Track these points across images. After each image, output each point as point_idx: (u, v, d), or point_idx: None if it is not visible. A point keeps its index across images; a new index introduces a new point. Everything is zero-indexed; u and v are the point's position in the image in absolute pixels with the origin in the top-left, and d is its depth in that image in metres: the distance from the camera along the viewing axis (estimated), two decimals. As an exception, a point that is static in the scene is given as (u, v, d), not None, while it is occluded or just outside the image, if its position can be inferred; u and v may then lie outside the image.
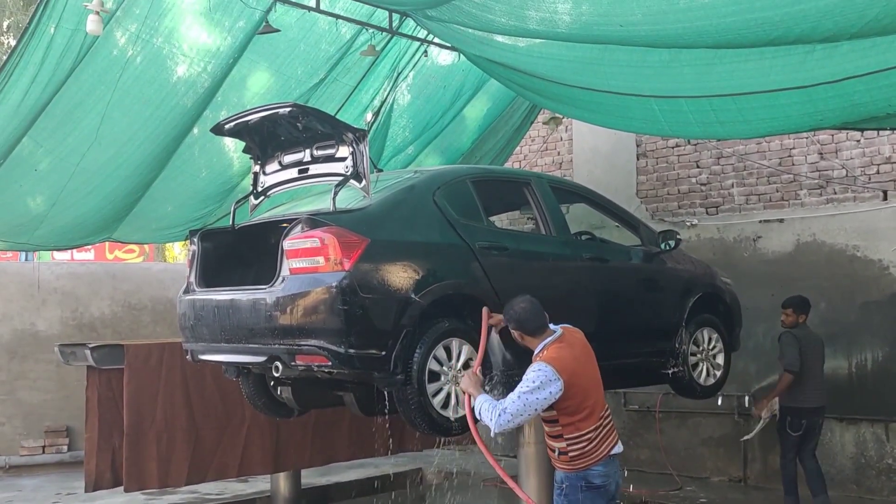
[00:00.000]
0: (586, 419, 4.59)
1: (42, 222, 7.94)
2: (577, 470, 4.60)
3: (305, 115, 5.02)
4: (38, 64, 6.27)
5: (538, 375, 4.43)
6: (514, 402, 4.39)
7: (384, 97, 8.69)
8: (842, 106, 5.25)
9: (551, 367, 4.45)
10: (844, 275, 8.61)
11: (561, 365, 4.48)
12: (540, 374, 4.43)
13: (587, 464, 4.59)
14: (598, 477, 4.61)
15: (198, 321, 5.32)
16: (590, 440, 4.59)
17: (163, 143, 7.58)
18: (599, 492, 4.61)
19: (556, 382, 4.43)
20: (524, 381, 4.46)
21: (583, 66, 5.75)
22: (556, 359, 4.51)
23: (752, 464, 9.17)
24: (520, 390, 4.42)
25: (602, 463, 4.61)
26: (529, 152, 11.52)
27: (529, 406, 4.40)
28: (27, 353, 10.57)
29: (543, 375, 4.42)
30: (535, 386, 4.40)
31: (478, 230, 5.41)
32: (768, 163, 9.25)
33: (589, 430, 4.59)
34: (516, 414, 4.38)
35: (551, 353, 4.56)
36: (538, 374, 4.44)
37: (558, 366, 4.47)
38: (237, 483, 8.86)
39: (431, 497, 9.03)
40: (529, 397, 4.39)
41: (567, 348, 4.63)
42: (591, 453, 4.59)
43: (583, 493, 4.59)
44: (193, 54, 7.04)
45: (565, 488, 4.66)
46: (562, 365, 4.49)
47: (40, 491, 9.17)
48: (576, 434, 4.57)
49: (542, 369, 4.45)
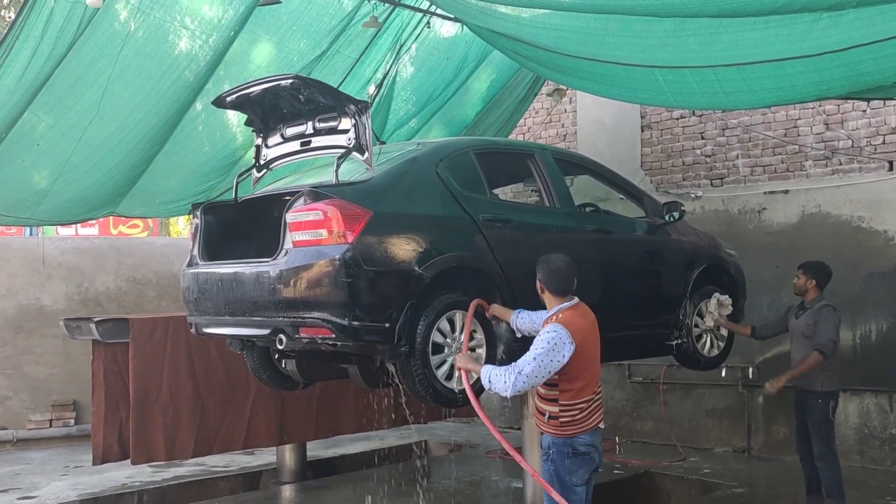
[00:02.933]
0: (583, 389, 4.72)
1: (45, 197, 7.93)
2: (565, 436, 4.74)
3: (307, 87, 5.00)
4: (39, 37, 6.22)
5: (553, 337, 4.52)
6: (529, 364, 4.47)
7: (387, 69, 8.63)
8: (847, 75, 5.19)
9: (566, 330, 4.55)
10: (849, 246, 8.59)
11: (574, 328, 4.59)
12: (555, 335, 4.52)
13: (575, 431, 4.73)
14: (584, 445, 4.75)
15: (201, 294, 5.33)
16: (581, 409, 4.72)
17: (165, 117, 7.55)
18: (584, 459, 4.77)
19: (569, 345, 4.53)
20: (539, 342, 4.54)
21: (587, 37, 5.69)
22: (570, 322, 4.62)
23: (755, 434, 9.21)
24: (535, 352, 4.50)
25: (588, 433, 4.75)
26: (533, 124, 11.47)
27: (544, 367, 4.49)
28: (33, 327, 10.62)
29: (558, 337, 4.52)
30: (550, 347, 4.49)
31: (481, 202, 5.40)
32: (773, 134, 9.20)
33: (583, 399, 4.72)
34: (532, 375, 4.47)
35: (566, 316, 4.67)
36: (553, 335, 4.52)
37: (572, 329, 4.58)
38: (243, 455, 8.94)
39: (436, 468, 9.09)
40: (545, 358, 4.48)
41: (580, 317, 4.74)
42: (580, 422, 4.73)
43: (569, 458, 4.74)
44: (195, 27, 6.99)
45: (552, 454, 4.79)
46: (575, 329, 4.60)
47: (48, 464, 9.25)
48: (571, 401, 4.70)
49: (557, 331, 4.54)
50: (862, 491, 7.51)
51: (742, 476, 8.26)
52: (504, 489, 8.17)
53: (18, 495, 7.85)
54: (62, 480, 8.41)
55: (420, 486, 8.13)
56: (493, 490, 8.20)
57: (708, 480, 8.15)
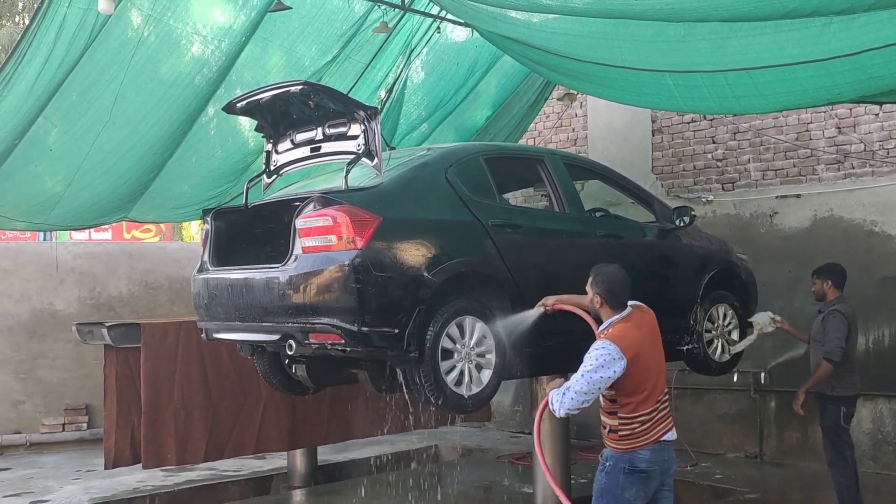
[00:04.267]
0: (644, 402, 4.52)
1: (58, 202, 7.99)
2: (624, 450, 4.54)
3: (317, 93, 5.01)
4: (51, 44, 6.28)
5: (601, 353, 4.38)
6: (578, 382, 4.35)
7: (397, 74, 8.66)
8: (859, 79, 5.17)
9: (615, 346, 4.40)
10: (862, 250, 8.54)
11: (624, 344, 4.42)
12: (603, 352, 4.39)
13: (634, 446, 4.52)
14: (644, 462, 4.53)
15: (212, 300, 5.35)
16: (642, 423, 4.52)
17: (177, 123, 7.60)
18: (641, 477, 4.54)
19: (620, 361, 4.37)
20: (587, 359, 4.41)
21: (597, 42, 5.69)
22: (621, 337, 4.46)
23: (767, 440, 9.16)
24: (583, 369, 4.37)
25: (650, 448, 4.53)
26: (544, 129, 11.46)
27: (594, 385, 4.35)
28: (46, 332, 10.68)
29: (607, 353, 4.38)
30: (599, 364, 4.35)
31: (491, 208, 5.40)
32: (785, 138, 9.16)
33: (644, 412, 4.52)
34: (580, 392, 4.33)
35: (616, 331, 4.52)
36: (601, 352, 4.39)
37: (622, 345, 4.41)
38: (254, 460, 8.95)
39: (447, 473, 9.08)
40: (593, 376, 4.34)
41: (633, 328, 4.57)
42: (640, 435, 4.52)
43: (624, 475, 4.53)
44: (206, 33, 7.03)
45: (608, 466, 4.59)
46: (625, 344, 4.43)
47: (61, 468, 9.29)
48: (631, 415, 4.51)
49: (606, 347, 4.40)
50: (876, 497, 7.45)
51: (754, 482, 8.21)
52: (515, 494, 8.16)
53: (31, 499, 7.89)
54: (75, 484, 8.45)
55: (430, 490, 8.13)
56: (503, 495, 8.19)
57: (720, 486, 8.11)
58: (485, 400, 5.22)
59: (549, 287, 5.54)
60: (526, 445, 9.19)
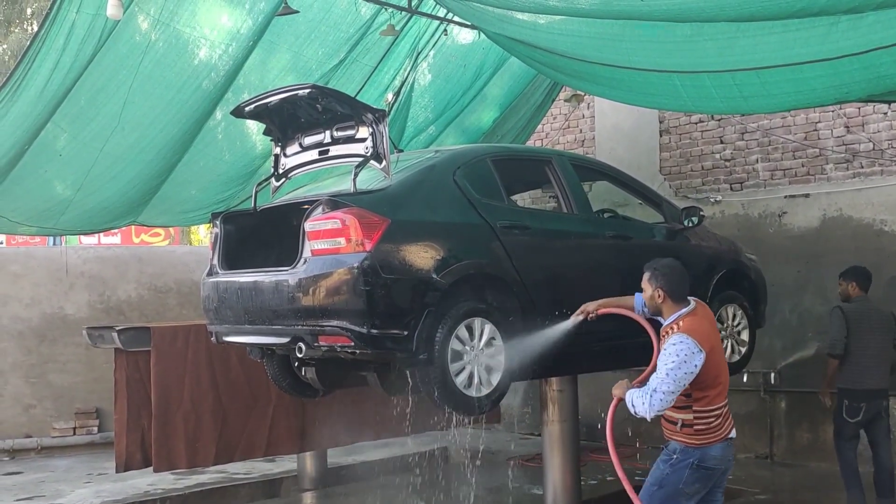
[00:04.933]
0: (720, 395, 4.50)
1: (68, 207, 8.01)
2: (698, 445, 4.49)
3: (325, 97, 5.03)
4: (60, 50, 6.30)
5: (681, 348, 4.33)
6: (664, 381, 4.29)
7: (405, 77, 8.66)
8: (867, 78, 5.16)
9: (692, 339, 4.35)
10: (872, 249, 8.51)
11: (701, 337, 4.39)
12: (683, 346, 4.33)
13: (710, 440, 4.49)
14: (713, 459, 4.51)
15: (221, 303, 5.37)
16: (717, 416, 4.50)
17: (185, 127, 7.61)
18: (707, 473, 4.52)
19: (699, 354, 4.34)
20: (667, 356, 4.35)
21: (604, 43, 5.69)
22: (696, 330, 4.42)
23: (778, 440, 9.13)
24: (666, 368, 4.31)
25: (721, 445, 4.52)
26: (551, 130, 11.46)
27: (679, 382, 4.30)
28: (56, 336, 10.71)
29: (686, 348, 4.33)
30: (681, 360, 4.30)
31: (499, 209, 5.40)
32: (793, 137, 9.14)
33: (719, 405, 4.50)
34: (668, 392, 4.29)
35: (689, 324, 4.47)
36: (680, 346, 4.34)
37: (699, 337, 4.38)
38: (264, 463, 8.96)
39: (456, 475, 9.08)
40: (678, 373, 4.29)
41: (703, 321, 4.55)
42: (716, 430, 4.50)
43: (691, 470, 4.50)
44: (214, 37, 7.05)
45: (675, 459, 4.54)
46: (702, 337, 4.40)
47: (72, 471, 9.33)
48: (707, 408, 4.47)
49: (684, 341, 4.35)
50: (887, 497, 7.41)
51: (765, 482, 8.19)
52: (525, 495, 8.15)
53: (43, 502, 7.93)
54: (86, 488, 8.47)
55: (440, 492, 8.12)
56: (513, 496, 8.18)
57: (730, 487, 8.02)
58: (494, 402, 5.23)
59: (558, 288, 5.55)
60: (535, 447, 9.17)
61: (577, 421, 6.95)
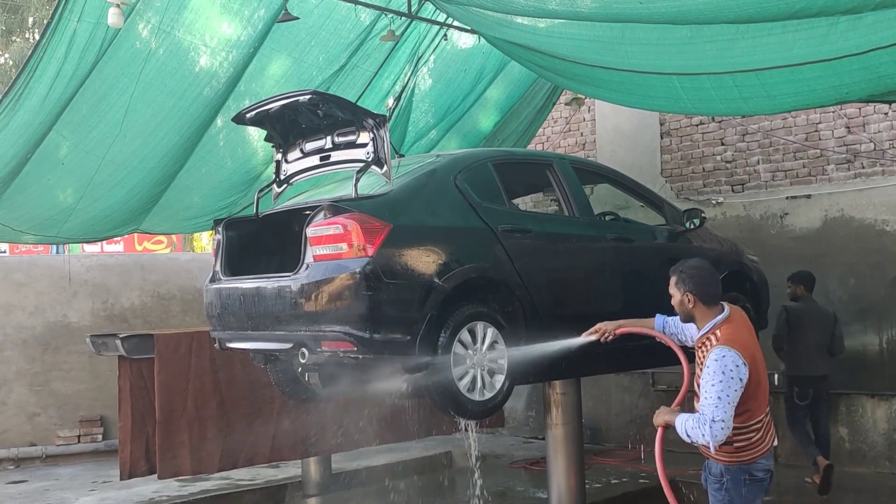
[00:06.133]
0: (759, 407, 4.16)
1: (70, 215, 8.04)
2: (742, 462, 4.18)
3: (325, 102, 5.04)
4: (62, 59, 6.33)
5: (726, 363, 3.98)
6: (718, 407, 3.94)
7: (405, 82, 8.68)
8: (867, 78, 5.17)
9: (735, 352, 4.02)
10: (874, 250, 8.51)
11: (743, 347, 4.06)
12: (727, 360, 3.99)
13: (753, 456, 4.17)
14: (761, 470, 4.20)
15: (224, 309, 5.37)
16: (758, 430, 4.17)
17: (187, 134, 7.64)
18: (761, 485, 4.23)
19: (744, 368, 4.01)
20: (712, 374, 3.99)
21: (603, 46, 5.70)
22: (737, 341, 4.08)
23: (782, 441, 9.05)
24: (716, 390, 3.95)
25: (766, 455, 4.20)
26: (552, 134, 11.47)
27: (732, 401, 3.96)
28: (60, 344, 10.73)
29: (731, 361, 3.99)
30: (729, 377, 3.96)
31: (500, 213, 5.41)
32: (794, 138, 9.14)
33: (759, 418, 4.17)
34: (726, 416, 3.94)
35: (729, 334, 4.12)
36: (725, 362, 3.99)
37: (741, 349, 4.04)
38: (268, 469, 8.96)
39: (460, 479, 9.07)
40: (728, 392, 3.95)
41: (742, 328, 4.21)
42: (758, 444, 4.18)
43: (746, 486, 4.19)
44: (214, 44, 7.07)
45: (726, 482, 4.21)
46: (744, 347, 4.06)
47: (76, 479, 9.33)
48: (747, 423, 4.12)
49: (727, 355, 4.00)
50: (893, 499, 7.41)
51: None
52: (529, 499, 8.14)
53: (48, 511, 7.94)
54: (91, 496, 8.48)
55: (444, 497, 8.12)
56: (518, 500, 8.17)
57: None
58: (498, 405, 5.22)
59: (560, 291, 5.56)
60: (539, 451, 9.16)
61: (580, 424, 6.95)
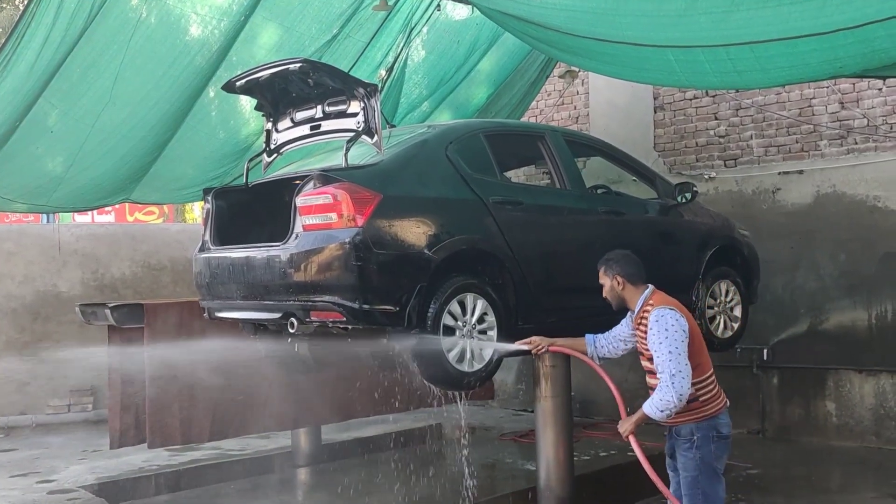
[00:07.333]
0: (706, 361, 4.51)
1: (60, 184, 7.97)
2: (709, 416, 4.45)
3: (316, 71, 5.00)
4: (50, 25, 6.24)
5: (667, 320, 4.32)
6: (672, 361, 4.24)
7: (398, 53, 8.61)
8: (862, 52, 5.13)
9: (671, 308, 4.38)
10: (865, 226, 8.52)
11: (677, 306, 4.43)
12: (668, 317, 4.33)
13: (717, 409, 4.47)
14: (726, 426, 4.51)
15: (213, 279, 5.36)
16: (713, 383, 4.51)
17: (177, 103, 7.57)
18: (727, 442, 4.52)
19: (683, 319, 4.35)
20: (657, 334, 4.32)
21: (597, 17, 5.65)
22: (670, 302, 4.46)
23: (770, 416, 9.18)
24: (665, 347, 4.26)
25: (725, 412, 4.52)
26: (546, 107, 11.42)
27: (683, 352, 4.27)
28: (50, 314, 10.71)
29: (671, 317, 4.33)
30: (672, 330, 4.29)
31: (491, 185, 5.40)
32: (788, 113, 9.12)
33: (710, 373, 4.51)
34: (684, 367, 4.25)
35: (661, 299, 4.50)
36: (663, 319, 4.33)
37: (675, 306, 4.41)
38: (258, 439, 8.98)
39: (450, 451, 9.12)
40: (678, 345, 4.27)
41: (670, 296, 4.58)
42: (719, 395, 4.51)
43: (714, 443, 4.46)
44: (205, 12, 6.99)
45: (696, 440, 4.46)
46: (677, 306, 4.43)
47: (66, 448, 9.34)
48: (703, 376, 4.45)
49: (665, 313, 4.35)
50: (878, 472, 7.48)
51: (756, 457, 8.23)
52: (518, 471, 8.19)
53: (37, 479, 7.94)
54: (80, 464, 8.49)
55: (434, 468, 8.16)
56: (507, 472, 8.22)
57: (722, 462, 8.12)
58: (487, 377, 5.24)
59: (550, 263, 5.56)
60: (529, 424, 9.21)
61: (569, 396, 6.95)
